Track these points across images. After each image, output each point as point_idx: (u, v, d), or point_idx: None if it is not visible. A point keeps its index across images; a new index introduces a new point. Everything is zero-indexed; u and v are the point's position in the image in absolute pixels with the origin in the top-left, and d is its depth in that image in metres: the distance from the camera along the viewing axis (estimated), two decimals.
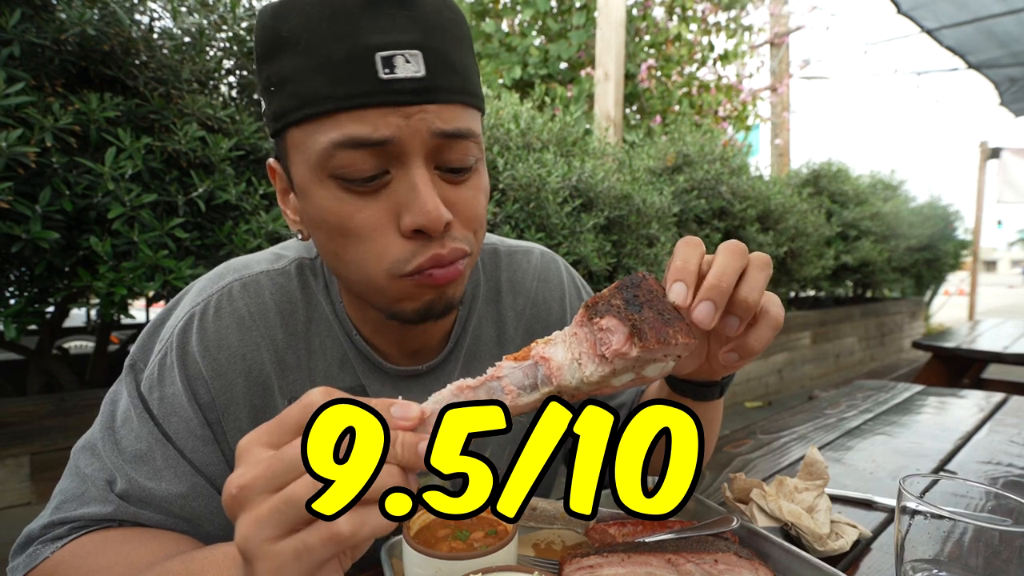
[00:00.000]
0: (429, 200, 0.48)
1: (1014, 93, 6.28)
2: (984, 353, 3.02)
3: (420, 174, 0.48)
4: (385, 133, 0.46)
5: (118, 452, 0.55)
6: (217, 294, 0.59)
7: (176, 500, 0.55)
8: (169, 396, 0.56)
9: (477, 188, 0.54)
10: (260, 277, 0.61)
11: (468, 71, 0.51)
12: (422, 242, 0.50)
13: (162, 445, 0.55)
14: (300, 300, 0.61)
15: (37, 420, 1.65)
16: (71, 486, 0.55)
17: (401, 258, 0.50)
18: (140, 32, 1.57)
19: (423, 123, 0.47)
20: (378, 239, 0.50)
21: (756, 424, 1.15)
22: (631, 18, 5.20)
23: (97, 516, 0.53)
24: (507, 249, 0.75)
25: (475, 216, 0.54)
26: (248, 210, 1.63)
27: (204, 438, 0.57)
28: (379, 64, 0.45)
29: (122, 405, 0.57)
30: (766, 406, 4.40)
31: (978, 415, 1.20)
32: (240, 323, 0.58)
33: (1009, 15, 4.65)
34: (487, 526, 0.54)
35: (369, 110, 0.46)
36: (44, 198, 1.32)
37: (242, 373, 0.58)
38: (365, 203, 0.49)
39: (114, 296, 1.40)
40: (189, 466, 0.56)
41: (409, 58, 0.46)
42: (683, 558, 0.51)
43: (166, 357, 0.57)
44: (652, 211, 2.84)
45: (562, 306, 0.75)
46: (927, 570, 0.46)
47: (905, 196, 6.43)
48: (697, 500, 0.66)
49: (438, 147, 0.49)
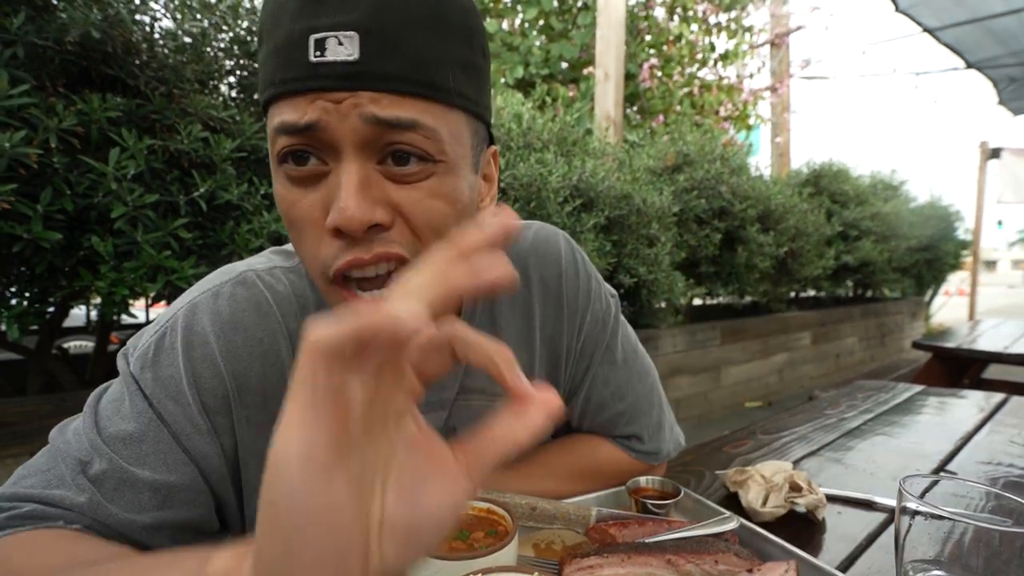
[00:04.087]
0: (348, 196, 0.43)
1: (1012, 92, 6.28)
2: (984, 353, 3.02)
3: (347, 167, 0.44)
4: (311, 117, 0.43)
5: (99, 432, 0.50)
6: (231, 281, 0.56)
7: (161, 488, 0.50)
8: (165, 378, 0.52)
9: (434, 193, 0.47)
10: (274, 271, 0.59)
11: (432, 60, 0.45)
12: (347, 243, 0.45)
13: (155, 427, 0.51)
14: (311, 297, 0.60)
15: (37, 420, 1.65)
16: (37, 462, 0.50)
17: (327, 259, 0.46)
18: (142, 33, 1.57)
19: (354, 109, 0.43)
20: (313, 234, 0.47)
21: (756, 424, 1.15)
22: (632, 18, 5.21)
23: (62, 501, 0.48)
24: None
25: (426, 223, 0.47)
26: (250, 210, 1.63)
27: (201, 428, 0.52)
28: (311, 47, 0.43)
29: (111, 390, 0.54)
30: (766, 406, 4.40)
31: (978, 415, 1.20)
32: (258, 308, 0.56)
33: (1009, 15, 4.65)
34: (487, 526, 0.54)
35: (300, 96, 0.44)
36: (45, 198, 1.32)
37: (259, 357, 0.55)
38: (304, 194, 0.47)
39: (115, 296, 1.40)
40: (182, 454, 0.51)
41: (343, 40, 0.42)
42: (683, 558, 0.51)
43: (164, 338, 0.53)
44: (652, 211, 2.85)
45: (560, 283, 0.69)
46: (927, 570, 0.46)
47: (905, 196, 6.43)
48: (697, 500, 0.66)
49: (375, 137, 0.44)
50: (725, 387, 4.27)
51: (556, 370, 0.71)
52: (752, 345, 4.51)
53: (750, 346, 4.48)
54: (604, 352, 0.72)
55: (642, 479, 0.70)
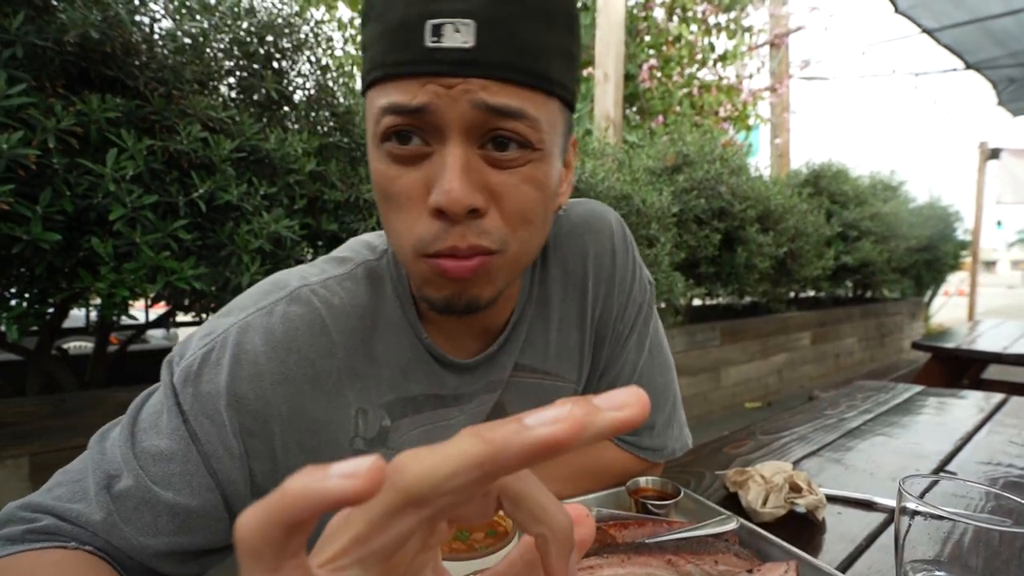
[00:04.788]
0: (452, 179, 0.45)
1: (1012, 92, 6.28)
2: (984, 353, 3.02)
3: (453, 150, 0.45)
4: (422, 100, 0.44)
5: (132, 445, 0.50)
6: (285, 298, 0.55)
7: (180, 513, 0.49)
8: (204, 394, 0.51)
9: (528, 179, 0.48)
10: (329, 282, 0.58)
11: (540, 49, 0.46)
12: (446, 225, 0.47)
13: (185, 446, 0.50)
14: (367, 305, 0.59)
15: (36, 421, 1.65)
16: (73, 469, 0.51)
17: (425, 237, 0.47)
18: (142, 33, 1.57)
19: (464, 95, 0.44)
20: (411, 210, 0.48)
21: (756, 424, 1.15)
22: (632, 18, 5.21)
23: (79, 518, 0.47)
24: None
25: (517, 209, 0.48)
26: (249, 211, 1.63)
27: (233, 451, 0.51)
28: (427, 32, 0.43)
29: (154, 399, 0.53)
30: (766, 406, 4.40)
31: (978, 416, 1.20)
32: (311, 327, 0.55)
33: (1008, 16, 4.65)
34: (487, 526, 0.54)
35: (412, 79, 0.45)
36: (45, 199, 1.32)
37: (310, 380, 0.54)
38: (406, 171, 0.48)
39: (115, 297, 1.40)
40: (209, 478, 0.51)
41: (459, 27, 0.43)
42: (683, 559, 0.51)
43: (212, 353, 0.52)
44: (652, 211, 2.85)
45: (612, 260, 0.69)
46: (927, 570, 0.46)
47: (905, 197, 6.43)
48: (697, 500, 0.66)
49: (481, 123, 0.45)
50: (725, 387, 4.27)
51: (599, 350, 0.71)
52: (752, 345, 4.51)
53: (750, 346, 4.49)
54: (636, 338, 0.72)
55: (642, 479, 0.70)
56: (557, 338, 0.68)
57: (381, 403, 0.59)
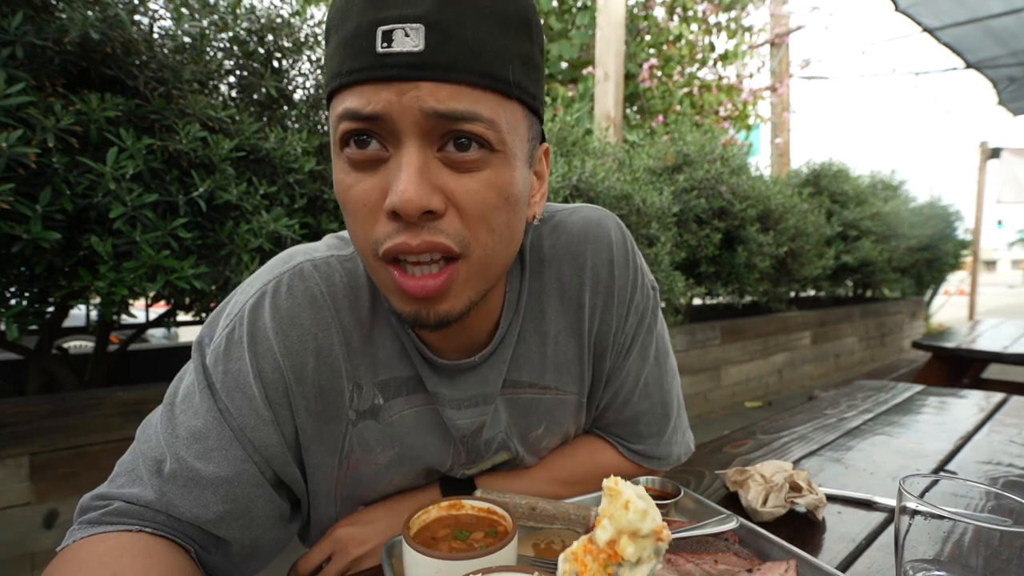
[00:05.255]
0: (407, 181, 0.45)
1: (1012, 92, 6.28)
2: (984, 353, 3.01)
3: (408, 154, 0.46)
4: (376, 108, 0.45)
5: (172, 429, 0.54)
6: (289, 272, 0.58)
7: (222, 485, 0.54)
8: (234, 371, 0.55)
9: (488, 183, 0.48)
10: (330, 259, 0.60)
11: (494, 52, 0.46)
12: (400, 226, 0.47)
13: (218, 423, 0.54)
14: (366, 287, 0.61)
15: (36, 420, 1.65)
16: (127, 459, 0.56)
17: (379, 238, 0.48)
18: (141, 33, 1.57)
19: (415, 100, 0.45)
20: (368, 216, 0.49)
21: (756, 424, 1.15)
22: (632, 18, 5.21)
23: (139, 499, 0.53)
24: (550, 212, 0.69)
25: (477, 211, 0.48)
26: (249, 210, 1.63)
27: (265, 418, 0.56)
28: (378, 38, 0.44)
29: (186, 381, 0.57)
30: (766, 406, 4.40)
31: (978, 415, 1.20)
32: (312, 301, 0.58)
33: (1009, 15, 4.65)
34: (487, 526, 0.54)
35: (366, 85, 0.45)
36: (45, 198, 1.32)
37: (313, 352, 0.58)
38: (363, 178, 0.48)
39: (115, 296, 1.40)
40: (241, 449, 0.55)
41: (409, 32, 0.44)
42: (683, 558, 0.51)
43: (234, 331, 0.56)
44: (652, 211, 2.85)
45: (611, 271, 0.67)
46: (927, 570, 0.46)
47: (905, 196, 6.43)
48: (697, 499, 0.66)
49: (434, 127, 0.46)
50: (725, 387, 4.27)
51: (601, 362, 0.70)
52: (752, 345, 4.51)
53: (750, 346, 4.49)
54: (639, 347, 0.71)
55: (642, 479, 0.70)
56: (554, 352, 0.68)
57: (375, 381, 0.62)
